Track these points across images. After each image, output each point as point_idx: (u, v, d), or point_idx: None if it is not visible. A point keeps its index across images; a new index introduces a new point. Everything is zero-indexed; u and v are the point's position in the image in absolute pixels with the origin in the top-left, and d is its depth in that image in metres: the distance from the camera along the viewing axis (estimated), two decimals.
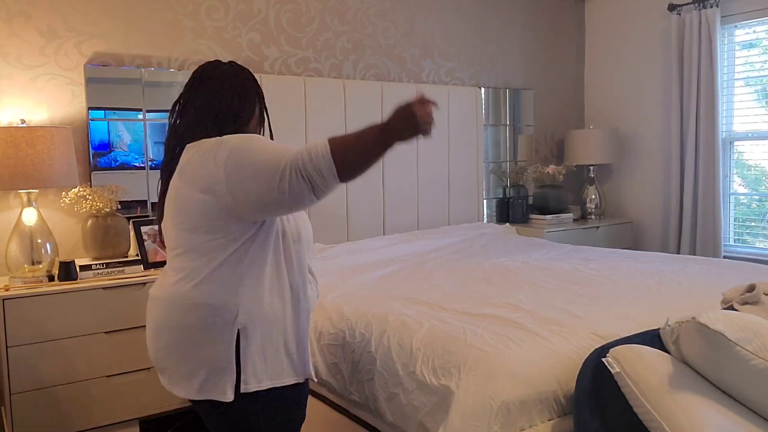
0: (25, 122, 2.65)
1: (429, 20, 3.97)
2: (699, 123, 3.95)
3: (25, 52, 2.76)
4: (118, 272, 2.63)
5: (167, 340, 1.53)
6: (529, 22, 4.47)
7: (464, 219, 4.05)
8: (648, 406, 1.34)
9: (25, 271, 2.53)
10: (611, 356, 1.49)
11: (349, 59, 3.66)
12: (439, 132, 3.89)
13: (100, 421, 2.53)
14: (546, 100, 4.62)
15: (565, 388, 1.65)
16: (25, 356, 2.37)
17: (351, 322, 2.18)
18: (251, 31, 3.32)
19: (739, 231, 4.06)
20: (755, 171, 3.99)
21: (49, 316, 2.41)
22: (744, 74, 3.96)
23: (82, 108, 2.88)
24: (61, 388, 2.44)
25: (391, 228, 3.70)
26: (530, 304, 2.19)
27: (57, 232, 2.75)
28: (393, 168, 3.69)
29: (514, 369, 1.66)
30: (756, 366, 1.31)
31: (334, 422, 2.23)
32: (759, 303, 1.65)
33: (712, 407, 1.31)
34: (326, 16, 3.56)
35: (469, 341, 1.82)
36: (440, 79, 4.04)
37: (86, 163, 2.88)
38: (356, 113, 3.54)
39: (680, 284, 2.47)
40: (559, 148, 4.70)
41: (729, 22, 3.91)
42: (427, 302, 2.28)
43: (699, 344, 1.39)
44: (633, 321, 1.94)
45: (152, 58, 3.05)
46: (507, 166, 4.34)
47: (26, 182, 2.47)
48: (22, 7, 2.74)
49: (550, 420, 1.62)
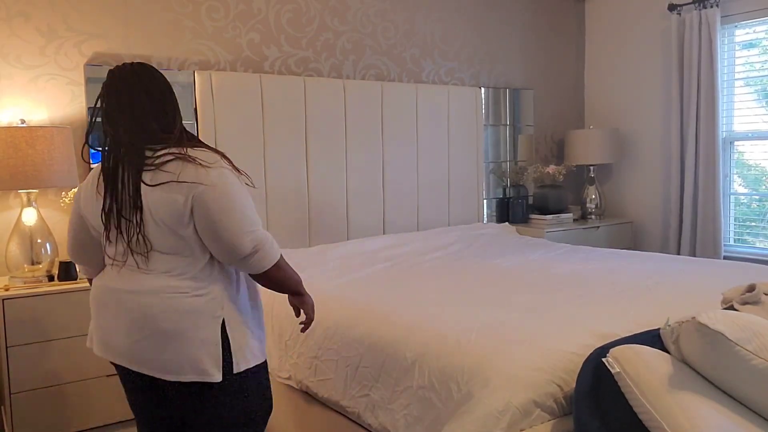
0: (25, 122, 2.65)
1: (429, 20, 3.97)
2: (699, 123, 3.95)
3: (25, 52, 2.76)
4: None
5: (152, 329, 1.57)
6: (529, 22, 4.47)
7: (464, 219, 4.05)
8: (648, 406, 1.34)
9: (24, 271, 2.54)
10: (611, 356, 1.48)
11: (349, 59, 3.66)
12: (439, 132, 3.90)
13: (100, 421, 2.53)
14: (546, 100, 4.62)
15: (565, 388, 1.65)
16: (25, 356, 2.38)
17: (345, 331, 2.17)
18: (251, 31, 3.32)
19: (739, 231, 4.06)
20: (755, 171, 3.99)
21: (49, 316, 2.41)
22: (744, 74, 3.96)
23: (82, 108, 2.88)
24: (60, 388, 2.44)
25: (391, 227, 3.70)
26: (529, 304, 2.19)
27: (57, 232, 2.75)
28: (393, 168, 3.69)
29: (514, 370, 1.66)
30: (756, 366, 1.31)
31: (332, 421, 2.22)
32: (759, 303, 1.65)
33: (712, 407, 1.31)
34: (326, 16, 3.56)
35: (464, 345, 1.82)
36: (440, 79, 4.04)
37: (86, 163, 2.88)
38: (356, 113, 3.54)
39: (680, 284, 2.47)
40: (559, 148, 4.70)
41: (729, 22, 3.91)
42: (423, 304, 2.27)
43: (699, 344, 1.39)
44: (633, 321, 1.94)
45: (152, 58, 3.05)
46: (507, 166, 4.34)
47: (26, 182, 2.47)
48: (22, 7, 2.74)
49: (550, 420, 1.62)
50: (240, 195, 1.59)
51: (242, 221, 1.57)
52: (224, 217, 1.54)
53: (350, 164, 3.53)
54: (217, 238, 1.55)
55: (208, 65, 3.20)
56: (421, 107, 3.80)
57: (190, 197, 1.53)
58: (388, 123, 3.66)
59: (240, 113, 3.17)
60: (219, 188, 1.55)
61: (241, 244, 1.56)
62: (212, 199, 1.54)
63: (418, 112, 3.79)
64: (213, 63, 3.22)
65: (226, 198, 1.56)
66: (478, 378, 1.67)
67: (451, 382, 1.73)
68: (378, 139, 3.63)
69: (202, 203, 1.54)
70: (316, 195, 3.42)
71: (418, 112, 3.79)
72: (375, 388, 1.96)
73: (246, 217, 1.58)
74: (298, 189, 3.34)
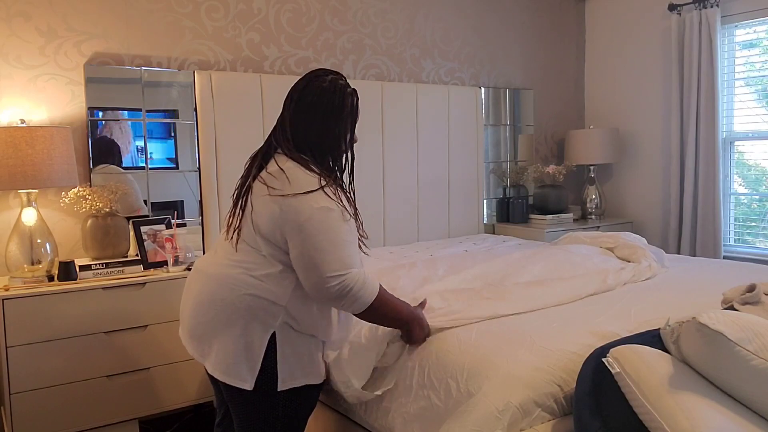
0: (24, 122, 2.65)
1: (429, 20, 3.97)
2: (699, 123, 3.95)
3: (24, 52, 2.76)
4: (118, 272, 2.63)
5: (212, 315, 1.64)
6: (529, 22, 4.47)
7: (464, 219, 4.05)
8: (648, 406, 1.34)
9: (24, 271, 2.53)
10: (611, 356, 1.48)
11: (349, 59, 3.66)
12: (439, 132, 3.90)
13: (100, 421, 2.53)
14: (546, 100, 4.62)
15: (565, 388, 1.65)
16: (25, 356, 2.37)
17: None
18: (251, 30, 3.32)
19: (739, 231, 4.06)
20: (755, 171, 3.99)
21: (49, 316, 2.41)
22: (744, 74, 3.95)
23: (81, 108, 2.88)
24: (61, 388, 2.44)
25: (391, 227, 3.70)
26: (528, 303, 2.18)
27: (57, 232, 2.75)
28: (393, 167, 3.69)
29: (514, 370, 1.66)
30: (756, 366, 1.31)
31: (330, 419, 2.22)
32: (759, 303, 1.65)
33: (712, 407, 1.31)
34: (326, 16, 3.56)
35: (464, 345, 1.82)
36: (440, 79, 4.04)
37: (86, 163, 2.88)
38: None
39: (680, 284, 2.47)
40: (559, 148, 4.70)
41: (729, 22, 3.90)
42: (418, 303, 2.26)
43: (699, 344, 1.39)
44: (633, 321, 1.94)
45: (152, 58, 3.05)
46: (507, 166, 4.34)
47: (26, 182, 2.47)
48: (21, 7, 2.74)
49: (550, 420, 1.62)
50: None
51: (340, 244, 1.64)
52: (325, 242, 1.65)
53: None
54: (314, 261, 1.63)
55: (208, 65, 3.20)
56: (421, 107, 3.80)
57: (293, 220, 1.67)
58: (388, 123, 3.66)
59: (240, 113, 3.17)
60: (317, 220, 1.63)
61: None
62: (314, 229, 1.64)
63: (418, 112, 3.79)
64: (213, 63, 3.22)
65: (326, 229, 1.65)
66: (478, 377, 1.67)
67: (450, 380, 1.73)
68: (378, 139, 3.63)
69: (303, 226, 1.65)
70: None
71: (418, 112, 3.79)
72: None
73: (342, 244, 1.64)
74: None
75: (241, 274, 1.63)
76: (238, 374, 1.62)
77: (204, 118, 3.08)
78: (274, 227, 1.60)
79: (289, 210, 1.58)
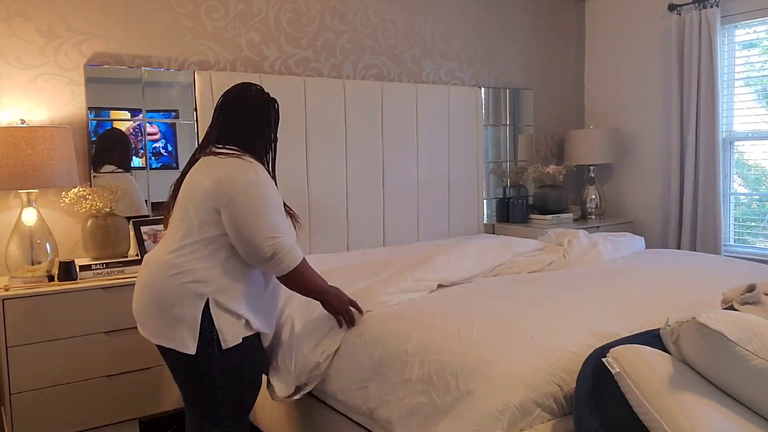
0: (24, 122, 2.65)
1: (429, 20, 3.97)
2: (699, 123, 3.95)
3: (24, 52, 2.76)
4: (118, 272, 2.63)
5: (149, 297, 1.85)
6: (529, 22, 4.47)
7: (464, 219, 4.05)
8: (648, 406, 1.34)
9: (24, 271, 2.53)
10: (611, 356, 1.48)
11: (349, 59, 3.66)
12: (439, 132, 3.90)
13: (100, 421, 2.53)
14: (546, 100, 4.62)
15: (565, 388, 1.65)
16: (25, 356, 2.38)
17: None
18: (251, 30, 3.32)
19: (739, 231, 4.06)
20: (755, 171, 3.99)
21: (49, 316, 2.41)
22: (744, 74, 3.95)
23: (81, 108, 2.88)
24: (61, 388, 2.44)
25: (391, 226, 3.70)
26: (528, 303, 2.18)
27: (57, 232, 2.75)
28: (393, 167, 3.69)
29: (514, 370, 1.66)
30: (756, 366, 1.31)
31: (327, 416, 2.22)
32: (759, 303, 1.65)
33: (712, 407, 1.31)
34: (326, 16, 3.56)
35: (464, 344, 1.81)
36: (440, 79, 4.04)
37: (86, 163, 2.88)
38: (356, 113, 3.54)
39: (680, 284, 2.47)
40: (559, 148, 4.70)
41: (729, 22, 3.90)
42: (426, 298, 2.27)
43: (699, 344, 1.39)
44: (633, 320, 1.93)
45: (152, 58, 3.05)
46: (507, 166, 4.34)
47: (26, 182, 2.47)
48: (21, 7, 2.74)
49: (550, 420, 1.62)
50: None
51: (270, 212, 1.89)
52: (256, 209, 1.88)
53: (350, 164, 3.53)
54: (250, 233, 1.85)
55: (208, 65, 3.20)
56: (421, 107, 3.80)
57: (230, 192, 1.90)
58: (388, 123, 3.66)
59: None
60: (251, 191, 1.87)
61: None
62: (247, 199, 1.88)
63: (418, 112, 3.79)
64: (213, 63, 3.22)
65: (257, 196, 1.89)
66: (477, 376, 1.67)
67: (450, 377, 1.72)
68: (378, 139, 3.63)
69: (239, 196, 1.88)
70: (316, 194, 3.42)
71: (418, 112, 3.79)
72: (373, 380, 1.96)
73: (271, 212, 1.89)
74: (298, 188, 3.34)
75: (172, 258, 1.82)
76: (181, 340, 1.81)
77: (204, 119, 3.08)
78: (207, 202, 1.81)
79: (221, 183, 1.81)
